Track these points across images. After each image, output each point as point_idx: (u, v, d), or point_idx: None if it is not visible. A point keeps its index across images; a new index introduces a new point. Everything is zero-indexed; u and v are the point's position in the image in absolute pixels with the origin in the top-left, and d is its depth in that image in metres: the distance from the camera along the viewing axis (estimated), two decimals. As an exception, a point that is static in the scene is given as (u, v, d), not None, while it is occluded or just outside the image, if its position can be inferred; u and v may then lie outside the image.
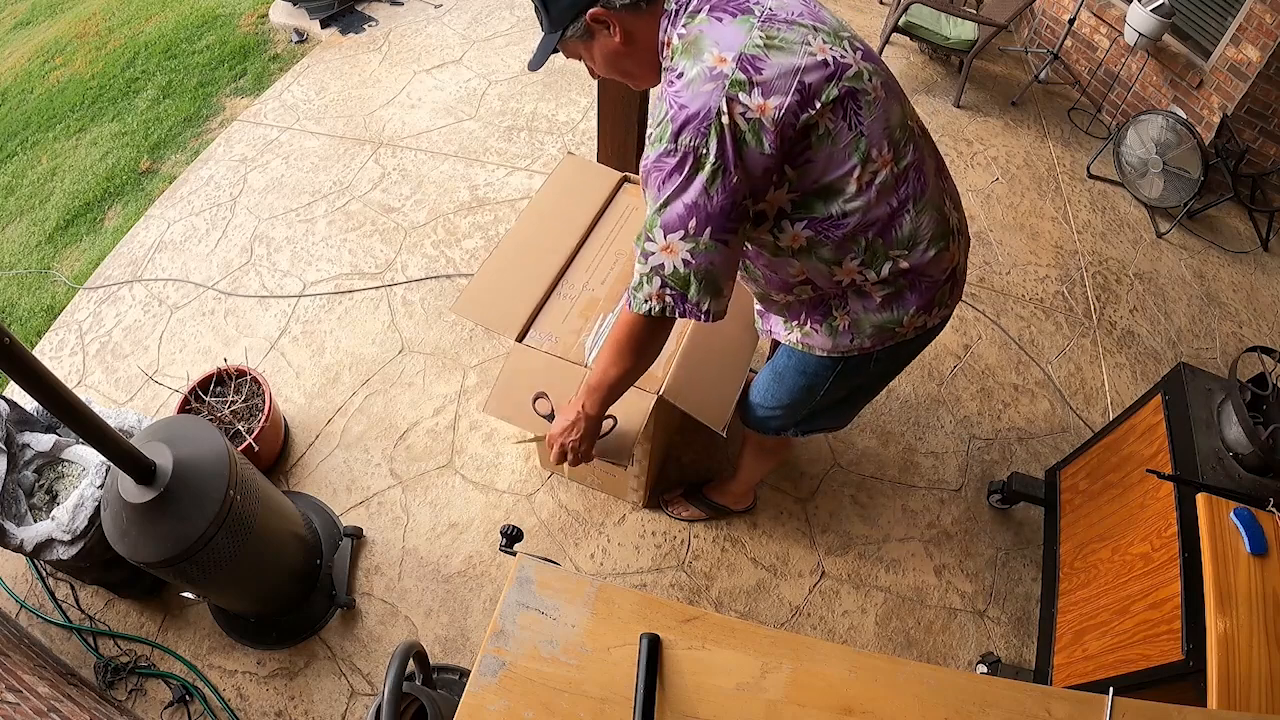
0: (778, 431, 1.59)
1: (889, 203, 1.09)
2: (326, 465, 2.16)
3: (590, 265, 1.72)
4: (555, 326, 1.61)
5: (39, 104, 3.64)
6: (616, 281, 1.69)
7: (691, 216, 1.00)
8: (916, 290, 1.19)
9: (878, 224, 1.10)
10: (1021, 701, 0.86)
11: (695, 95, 0.96)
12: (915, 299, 1.20)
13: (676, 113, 0.97)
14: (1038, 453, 2.31)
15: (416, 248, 2.74)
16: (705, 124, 0.96)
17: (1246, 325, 2.82)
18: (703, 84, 0.97)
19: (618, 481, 2.01)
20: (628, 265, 1.70)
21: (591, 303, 1.65)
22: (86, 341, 2.47)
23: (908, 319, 1.21)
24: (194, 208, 2.91)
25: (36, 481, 1.76)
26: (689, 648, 0.91)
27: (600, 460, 1.61)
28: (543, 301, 1.67)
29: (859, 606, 1.98)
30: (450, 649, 1.85)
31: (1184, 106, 3.32)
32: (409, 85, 3.49)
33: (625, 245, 1.76)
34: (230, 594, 1.69)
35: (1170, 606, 1.37)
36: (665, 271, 1.05)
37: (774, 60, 0.98)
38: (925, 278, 1.18)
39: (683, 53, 1.01)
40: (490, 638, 0.91)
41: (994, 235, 2.99)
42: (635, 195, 1.88)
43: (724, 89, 0.96)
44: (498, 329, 1.65)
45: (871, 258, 1.13)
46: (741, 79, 0.96)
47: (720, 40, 0.99)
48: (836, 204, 1.07)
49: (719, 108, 0.95)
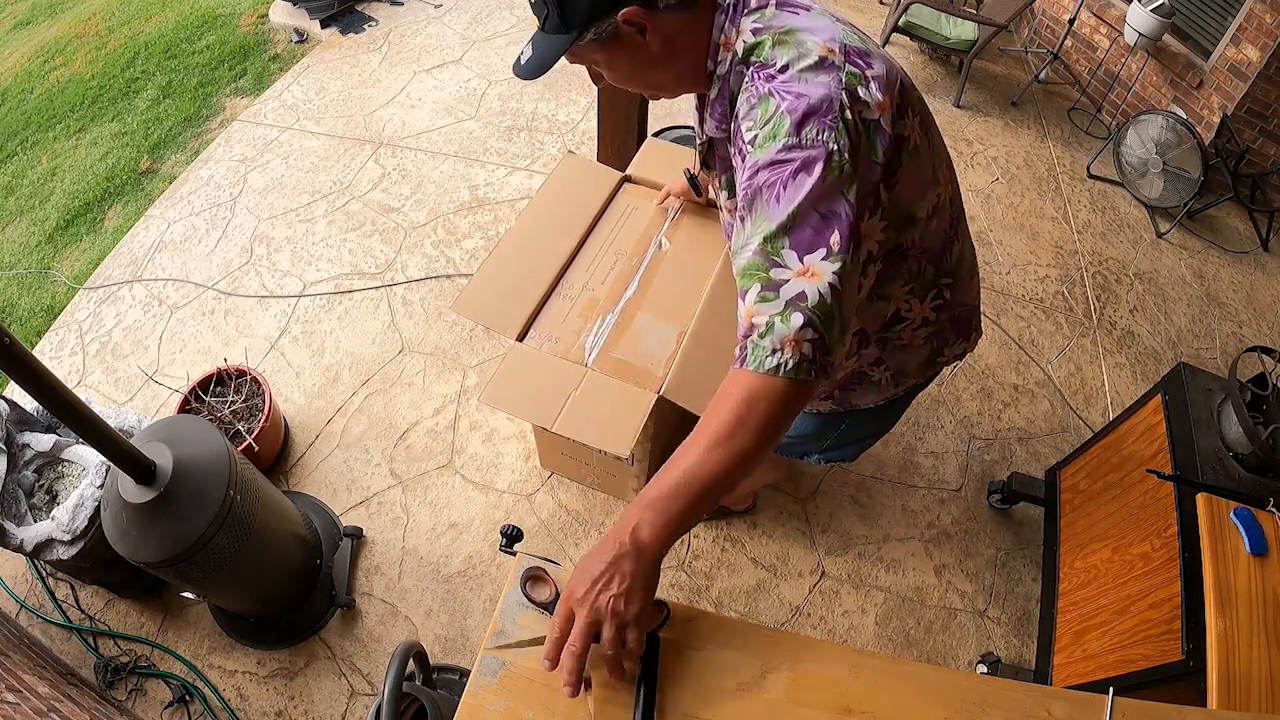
0: (800, 456, 1.48)
1: (945, 229, 0.99)
2: (326, 465, 2.16)
3: (590, 265, 1.72)
4: (555, 327, 1.61)
5: (39, 104, 3.64)
6: (617, 281, 1.69)
7: (833, 229, 0.79)
8: (955, 322, 1.11)
9: (932, 252, 0.99)
10: (1021, 701, 0.86)
11: (812, 85, 0.81)
12: (954, 331, 1.13)
13: (794, 103, 0.80)
14: (1038, 453, 2.31)
15: (416, 248, 2.74)
16: (831, 116, 0.79)
17: (1246, 325, 2.82)
18: (817, 74, 0.82)
19: (618, 481, 2.01)
20: (628, 265, 1.70)
21: (591, 303, 1.65)
22: (86, 341, 2.47)
23: (948, 350, 1.16)
24: (194, 208, 2.91)
25: (36, 481, 1.76)
26: (689, 648, 0.91)
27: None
28: (543, 301, 1.67)
29: (859, 606, 1.98)
30: (450, 649, 1.85)
31: (1184, 106, 3.32)
32: (409, 85, 3.49)
33: (626, 245, 1.76)
34: (230, 594, 1.69)
35: (1170, 606, 1.37)
36: (807, 303, 0.77)
37: (875, 55, 0.86)
38: (963, 306, 1.10)
39: (775, 45, 0.85)
40: (490, 637, 0.91)
41: (994, 235, 2.99)
42: (636, 195, 1.88)
43: (841, 81, 0.81)
44: (498, 328, 1.65)
45: (922, 286, 1.02)
46: (855, 72, 0.82)
47: (815, 30, 0.85)
48: (911, 234, 0.94)
49: (841, 99, 0.80)
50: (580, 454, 1.94)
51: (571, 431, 1.49)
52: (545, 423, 1.50)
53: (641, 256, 1.73)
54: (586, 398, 1.52)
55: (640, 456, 1.81)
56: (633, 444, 1.47)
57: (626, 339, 1.58)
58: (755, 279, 0.80)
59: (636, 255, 1.73)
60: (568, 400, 1.52)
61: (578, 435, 1.50)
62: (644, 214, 1.82)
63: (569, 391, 1.52)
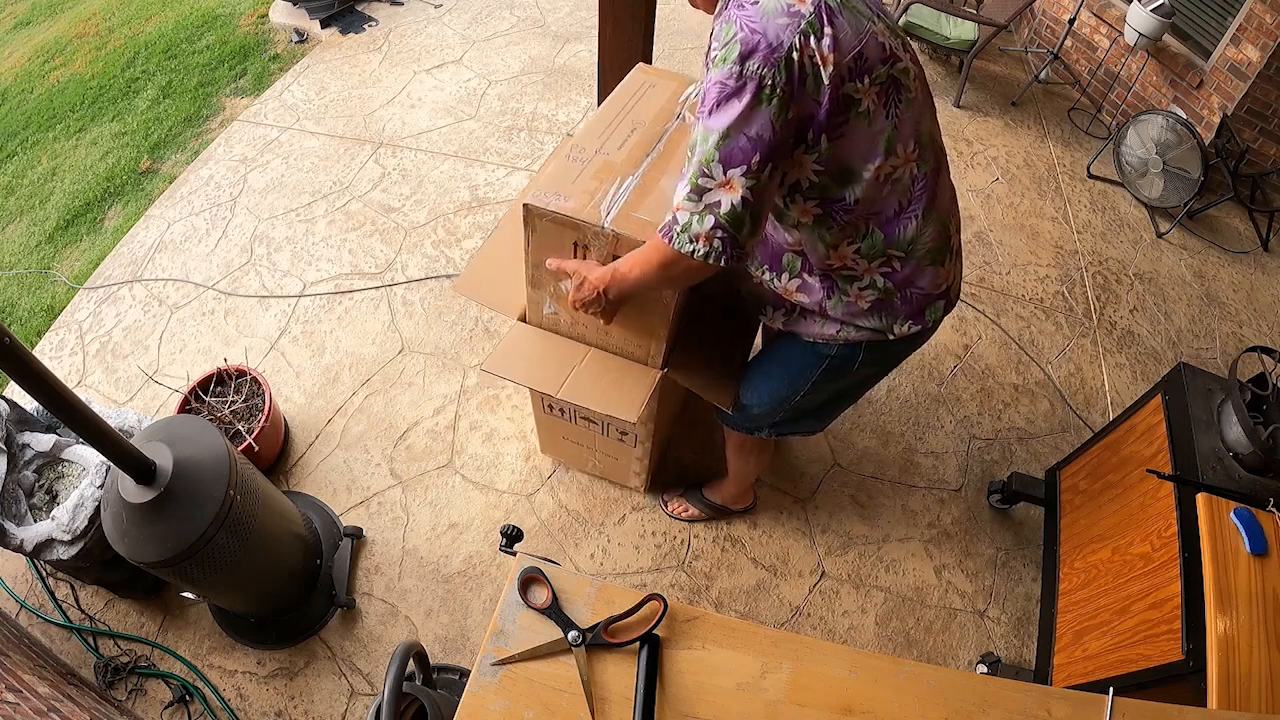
0: (750, 430, 1.60)
1: (899, 200, 1.10)
2: (326, 465, 2.16)
3: (604, 132, 1.55)
4: (564, 186, 1.42)
5: (39, 104, 3.64)
6: (636, 148, 1.52)
7: (755, 151, 0.97)
8: (906, 301, 1.20)
9: (881, 217, 1.11)
10: (1021, 701, 0.86)
11: (770, 25, 0.95)
12: (905, 309, 1.21)
13: (748, 36, 0.95)
14: (1038, 453, 2.31)
15: (416, 248, 2.74)
16: (777, 55, 0.94)
17: (1246, 325, 2.82)
18: (778, 16, 0.95)
19: (620, 464, 2.00)
20: (648, 133, 1.55)
21: (607, 167, 1.47)
22: (86, 341, 2.47)
23: (898, 327, 1.23)
24: (194, 208, 2.91)
25: (36, 481, 1.76)
26: (689, 648, 0.91)
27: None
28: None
29: (859, 606, 1.98)
30: (450, 649, 1.85)
31: (1184, 106, 3.32)
32: (409, 85, 3.49)
33: (645, 115, 1.59)
34: (230, 594, 1.69)
35: (1170, 606, 1.37)
36: (721, 210, 1.00)
37: (847, 19, 0.98)
38: (916, 289, 1.19)
39: None
40: (490, 638, 0.91)
41: (994, 235, 2.99)
42: (652, 74, 1.74)
43: (799, 27, 0.95)
44: (498, 308, 1.63)
45: (870, 249, 1.14)
46: (815, 24, 0.95)
47: None
48: (851, 189, 1.07)
49: (793, 43, 0.94)
50: (582, 437, 1.93)
51: (577, 398, 1.49)
52: (550, 389, 1.50)
53: (663, 126, 1.57)
54: (591, 367, 1.53)
55: (644, 437, 1.81)
56: (640, 410, 1.47)
57: (651, 201, 1.42)
58: (689, 182, 1.02)
59: (659, 124, 1.57)
60: (572, 371, 1.53)
61: (584, 401, 1.50)
62: (663, 90, 1.67)
63: (573, 364, 1.53)
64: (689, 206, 1.02)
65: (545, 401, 1.85)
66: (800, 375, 1.38)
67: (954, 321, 2.63)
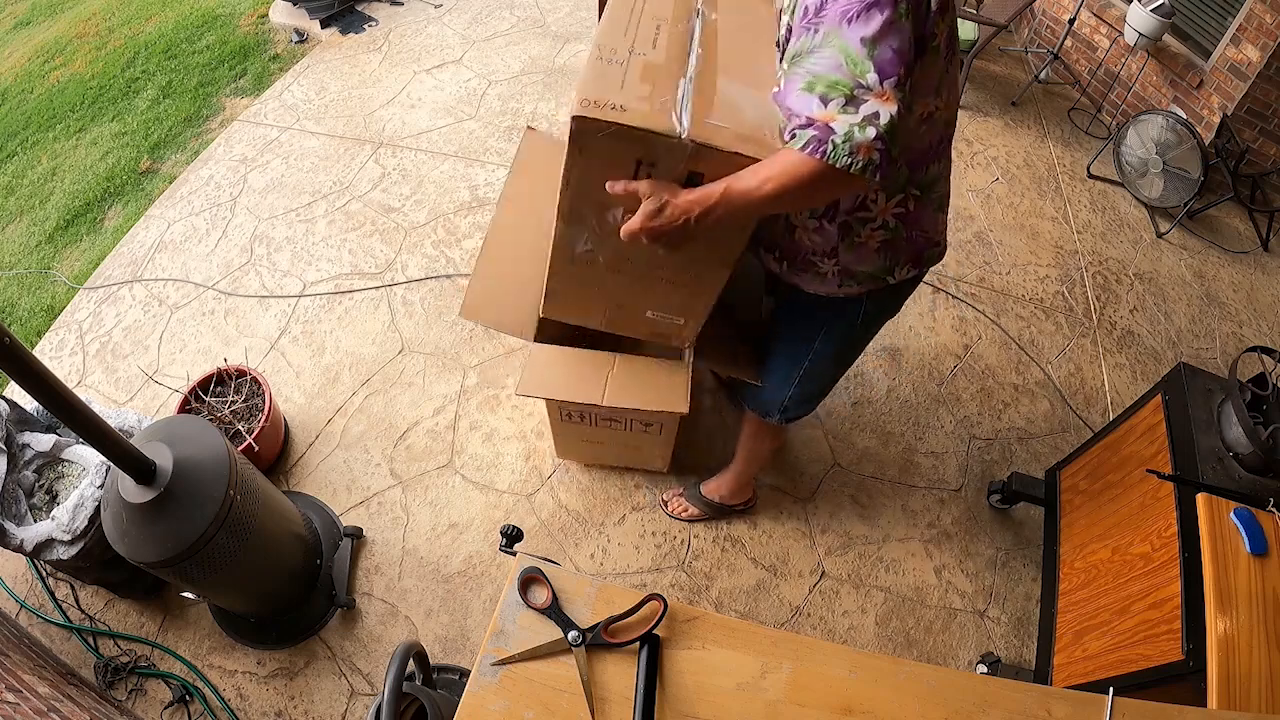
0: (767, 413, 1.65)
1: (931, 143, 1.15)
2: (326, 465, 2.16)
3: (626, 30, 1.32)
4: (612, 94, 1.20)
5: (39, 104, 3.64)
6: (672, 44, 1.30)
7: (900, 63, 0.94)
8: (911, 242, 1.25)
9: (912, 152, 1.14)
10: (1021, 701, 0.86)
11: None
12: (907, 251, 1.26)
13: None
14: (1038, 453, 2.31)
15: (416, 248, 2.74)
16: None
17: (1246, 325, 2.82)
18: None
19: (643, 453, 2.02)
20: (677, 30, 1.33)
21: (650, 67, 1.25)
22: (86, 341, 2.47)
23: (899, 271, 1.28)
24: (194, 208, 2.91)
25: (36, 481, 1.76)
26: (689, 648, 0.91)
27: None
28: None
29: (859, 606, 1.98)
30: (450, 649, 1.85)
31: (1184, 106, 3.32)
32: (409, 85, 3.49)
33: (664, 11, 1.37)
34: (230, 594, 1.69)
35: (1170, 606, 1.37)
36: (881, 121, 0.93)
37: None
38: (922, 232, 1.24)
39: None
40: (490, 637, 0.91)
41: (994, 235, 2.99)
42: None
43: None
44: (512, 331, 1.63)
45: (892, 181, 1.16)
46: None
47: None
48: (905, 119, 1.05)
49: None
50: (602, 437, 1.94)
51: (623, 401, 1.53)
52: (594, 399, 1.54)
53: (688, 22, 1.35)
54: (623, 371, 1.59)
55: (670, 424, 1.82)
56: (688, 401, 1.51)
57: (720, 108, 1.18)
58: (839, 91, 0.95)
59: (682, 21, 1.35)
60: (607, 378, 1.57)
61: (631, 403, 1.54)
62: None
63: (606, 370, 1.57)
64: (847, 118, 0.94)
65: (563, 410, 1.82)
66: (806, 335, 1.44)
67: (954, 321, 2.63)
